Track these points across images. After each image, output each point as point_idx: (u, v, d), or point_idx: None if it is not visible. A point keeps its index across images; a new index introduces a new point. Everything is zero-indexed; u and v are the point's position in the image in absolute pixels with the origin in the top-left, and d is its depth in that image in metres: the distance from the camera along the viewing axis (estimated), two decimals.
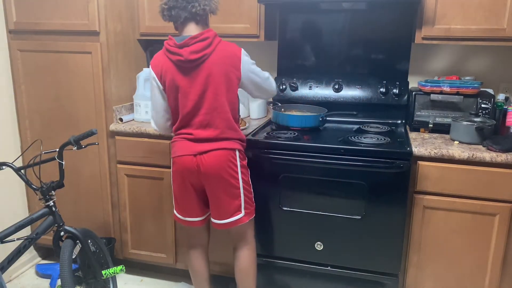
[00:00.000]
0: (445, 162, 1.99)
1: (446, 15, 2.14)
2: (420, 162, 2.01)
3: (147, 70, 2.49)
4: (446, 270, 2.11)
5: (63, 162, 2.01)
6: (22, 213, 2.67)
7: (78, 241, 2.01)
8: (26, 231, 2.44)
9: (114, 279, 2.26)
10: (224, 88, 1.86)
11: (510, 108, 2.14)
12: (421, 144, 2.08)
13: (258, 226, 2.15)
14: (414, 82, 2.53)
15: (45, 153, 2.01)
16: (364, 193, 2.03)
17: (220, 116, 1.87)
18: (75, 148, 1.98)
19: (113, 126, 2.42)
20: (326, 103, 2.54)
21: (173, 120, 1.98)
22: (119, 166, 2.47)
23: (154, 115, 2.00)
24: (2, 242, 1.86)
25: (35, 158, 2.00)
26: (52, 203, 2.01)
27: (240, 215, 1.95)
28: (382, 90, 2.48)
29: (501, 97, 2.26)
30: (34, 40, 2.44)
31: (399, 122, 2.50)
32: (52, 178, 2.08)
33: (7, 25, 2.47)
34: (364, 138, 2.14)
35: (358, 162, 2.00)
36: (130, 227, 2.55)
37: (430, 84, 2.25)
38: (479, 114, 2.18)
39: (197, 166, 1.88)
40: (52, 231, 2.04)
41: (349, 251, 2.11)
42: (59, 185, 2.02)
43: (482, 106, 2.19)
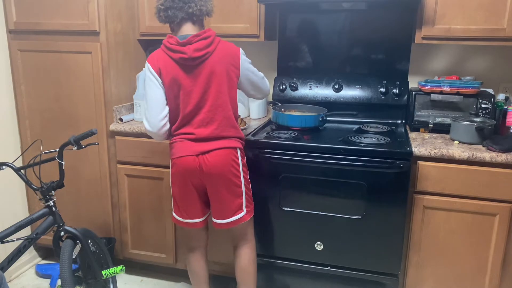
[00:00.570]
0: (445, 162, 1.99)
1: (446, 15, 2.14)
2: (420, 162, 2.01)
3: None
4: (446, 270, 2.11)
5: (63, 162, 2.01)
6: (22, 213, 2.67)
7: (78, 241, 2.01)
8: (26, 231, 2.44)
9: (114, 279, 2.26)
10: (226, 86, 1.87)
11: (510, 108, 2.14)
12: (421, 144, 2.08)
13: (258, 226, 2.15)
14: (414, 82, 2.53)
15: (45, 153, 2.01)
16: (364, 193, 2.03)
17: (222, 113, 1.88)
18: (75, 148, 1.98)
19: (113, 126, 2.42)
20: (326, 103, 2.54)
21: (171, 120, 1.93)
22: (119, 166, 2.47)
23: (147, 114, 1.88)
24: (2, 242, 1.86)
25: (35, 158, 2.00)
26: (52, 203, 2.01)
27: (242, 214, 1.95)
28: (382, 90, 2.48)
29: (501, 97, 2.26)
30: (34, 40, 2.44)
31: (399, 122, 2.50)
32: (52, 178, 2.08)
33: (7, 25, 2.47)
34: (364, 138, 2.14)
35: (358, 162, 2.00)
36: (130, 227, 2.55)
37: (430, 84, 2.25)
38: (479, 114, 2.18)
39: (199, 167, 1.87)
40: (52, 231, 2.04)
41: (349, 251, 2.11)
42: (59, 185, 2.02)
43: (482, 106, 2.18)
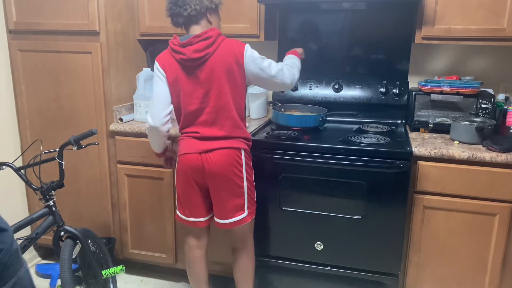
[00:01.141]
0: (445, 162, 1.99)
1: (446, 15, 2.14)
2: (420, 162, 2.01)
3: (147, 70, 2.49)
4: (446, 270, 2.11)
5: (63, 162, 2.01)
6: (22, 213, 2.67)
7: (78, 241, 2.01)
8: (26, 231, 2.43)
9: (114, 279, 2.26)
10: (227, 86, 1.86)
11: (510, 108, 2.14)
12: (421, 144, 2.08)
13: (258, 226, 2.14)
14: (414, 82, 2.53)
15: (45, 153, 2.01)
16: (364, 193, 2.03)
17: (225, 115, 1.87)
18: (75, 148, 1.99)
19: (113, 126, 2.42)
20: (326, 103, 2.54)
21: (177, 119, 2.00)
22: (119, 166, 2.47)
23: (152, 109, 1.92)
24: None
25: (35, 158, 2.00)
26: (52, 203, 2.01)
27: (243, 215, 1.95)
28: (382, 90, 2.48)
29: (501, 97, 2.26)
30: (34, 40, 2.44)
31: (399, 122, 2.50)
32: (52, 178, 2.08)
33: (7, 25, 2.47)
34: (364, 138, 2.14)
35: (358, 162, 2.00)
36: (130, 227, 2.55)
37: (430, 84, 2.25)
38: (479, 114, 2.18)
39: (201, 164, 1.88)
40: (52, 231, 2.04)
41: (349, 251, 2.11)
42: (59, 185, 2.02)
43: (482, 106, 2.18)
